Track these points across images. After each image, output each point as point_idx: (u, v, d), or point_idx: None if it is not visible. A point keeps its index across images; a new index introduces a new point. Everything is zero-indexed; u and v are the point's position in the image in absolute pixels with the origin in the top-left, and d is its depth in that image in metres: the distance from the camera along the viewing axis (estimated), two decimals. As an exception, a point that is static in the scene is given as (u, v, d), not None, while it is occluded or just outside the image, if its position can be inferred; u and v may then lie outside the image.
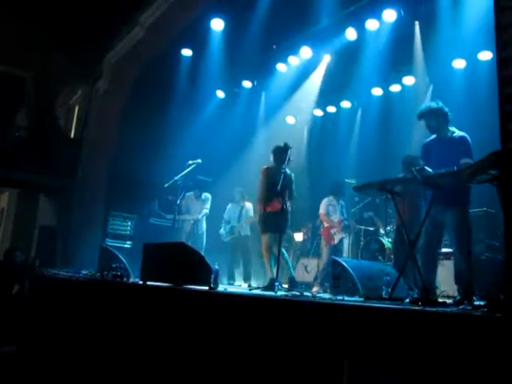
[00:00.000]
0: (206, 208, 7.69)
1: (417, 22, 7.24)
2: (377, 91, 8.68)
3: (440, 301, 3.15)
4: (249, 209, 7.80)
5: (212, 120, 9.41)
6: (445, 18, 6.57)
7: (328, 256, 7.16)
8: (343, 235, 7.30)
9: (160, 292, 3.99)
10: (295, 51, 8.40)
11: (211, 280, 3.90)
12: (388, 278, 3.88)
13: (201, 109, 9.58)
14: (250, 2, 7.50)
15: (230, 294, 3.59)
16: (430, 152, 4.27)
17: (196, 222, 7.60)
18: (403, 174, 4.89)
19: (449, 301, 3.37)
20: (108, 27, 9.11)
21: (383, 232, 7.07)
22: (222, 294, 3.58)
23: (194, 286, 3.85)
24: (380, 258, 6.77)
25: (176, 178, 6.65)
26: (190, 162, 6.73)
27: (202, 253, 5.73)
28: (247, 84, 9.57)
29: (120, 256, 5.52)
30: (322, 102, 9.47)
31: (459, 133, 4.20)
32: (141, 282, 4.54)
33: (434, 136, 4.34)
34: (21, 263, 7.94)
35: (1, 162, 9.33)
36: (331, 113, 9.72)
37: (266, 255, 5.75)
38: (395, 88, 8.39)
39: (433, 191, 3.86)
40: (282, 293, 4.26)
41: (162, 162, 8.22)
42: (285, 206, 5.22)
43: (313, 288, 6.66)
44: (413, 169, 3.83)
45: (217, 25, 8.28)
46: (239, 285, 7.02)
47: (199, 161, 6.76)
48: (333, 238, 7.19)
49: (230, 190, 8.23)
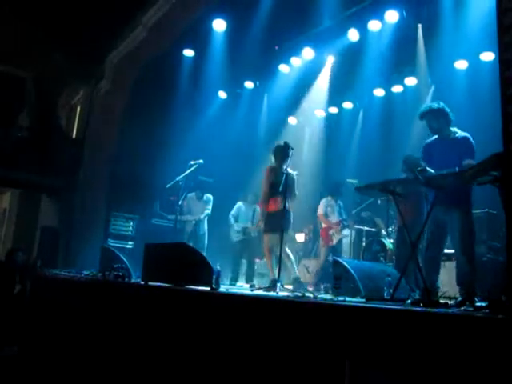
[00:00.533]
0: (208, 209, 7.68)
1: (419, 24, 7.23)
2: (379, 92, 8.67)
3: (442, 302, 3.14)
4: (258, 210, 7.81)
5: (214, 121, 9.41)
6: (447, 19, 6.56)
7: (325, 257, 7.16)
8: (342, 236, 7.29)
9: (161, 292, 3.99)
10: (297, 52, 8.39)
11: (213, 280, 3.90)
12: (389, 278, 3.88)
13: (203, 109, 9.58)
14: (251, 2, 7.49)
15: (231, 295, 3.58)
16: (432, 153, 4.25)
17: (198, 222, 7.59)
18: (405, 175, 4.88)
19: (450, 302, 3.37)
20: (110, 27, 9.12)
21: (385, 233, 7.07)
22: (223, 295, 3.58)
23: (195, 287, 3.86)
24: (382, 258, 6.76)
25: (178, 179, 6.66)
26: (192, 163, 6.74)
27: (204, 253, 5.73)
28: (249, 85, 9.57)
29: (122, 256, 5.52)
30: (324, 103, 9.46)
31: (461, 133, 4.18)
32: (142, 283, 4.55)
33: (435, 137, 4.33)
34: (22, 263, 7.93)
35: (2, 163, 9.34)
36: (333, 114, 9.72)
37: (267, 255, 5.73)
38: (397, 89, 8.39)
39: (435, 192, 3.86)
40: (283, 293, 4.26)
41: (164, 162, 8.22)
42: (286, 206, 5.22)
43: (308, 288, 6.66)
44: (414, 170, 3.83)
45: (219, 25, 8.27)
46: (241, 285, 7.01)
47: (201, 161, 6.77)
48: (331, 239, 7.18)
49: (231, 190, 8.22)
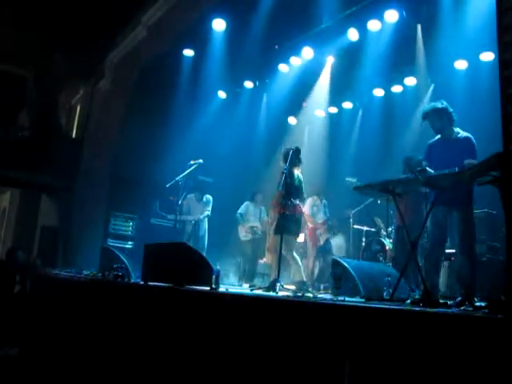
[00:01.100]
0: (208, 210, 7.67)
1: (419, 23, 7.23)
2: (378, 92, 8.67)
3: (441, 302, 3.14)
4: (264, 211, 7.87)
5: (214, 120, 9.41)
6: (447, 19, 6.55)
7: (314, 257, 7.19)
8: (328, 236, 7.33)
9: (161, 292, 3.99)
10: (297, 52, 8.39)
11: (212, 280, 3.91)
12: (389, 278, 3.89)
13: (202, 109, 9.57)
14: (251, 2, 7.49)
15: (231, 295, 3.58)
16: (434, 153, 4.26)
17: (197, 222, 7.57)
18: (405, 175, 4.88)
19: (450, 302, 3.37)
20: (110, 27, 9.13)
21: (384, 233, 7.07)
22: (223, 295, 3.58)
23: (195, 287, 3.86)
24: (381, 258, 6.76)
25: (177, 179, 6.65)
26: (192, 162, 6.73)
27: (204, 254, 5.73)
28: (249, 84, 9.56)
29: (121, 256, 5.52)
30: (323, 103, 9.45)
31: (463, 133, 4.18)
32: (142, 283, 4.55)
33: (438, 136, 4.33)
34: (23, 263, 7.93)
35: (2, 162, 9.34)
36: (333, 114, 9.71)
37: (273, 256, 5.69)
38: (397, 89, 8.38)
39: (435, 192, 3.86)
40: (283, 293, 4.26)
41: (164, 161, 8.22)
42: (288, 208, 5.23)
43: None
44: (414, 170, 3.83)
45: (218, 25, 8.27)
46: (240, 284, 7.01)
47: (201, 161, 6.77)
48: (318, 240, 7.24)
49: (231, 190, 8.22)
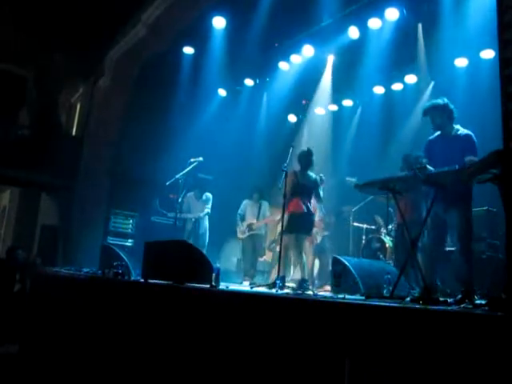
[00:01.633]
0: (208, 208, 7.67)
1: (419, 21, 7.22)
2: (379, 90, 8.65)
3: (441, 299, 3.14)
4: (266, 207, 7.77)
5: (214, 118, 9.40)
6: (447, 17, 6.54)
7: (314, 256, 7.19)
8: (325, 233, 7.33)
9: (161, 290, 3.99)
10: (298, 50, 8.36)
11: (212, 278, 3.91)
12: (389, 276, 3.89)
13: (203, 107, 9.56)
14: (251, 0, 7.48)
15: (231, 292, 3.58)
16: (434, 149, 4.26)
17: (198, 220, 7.56)
18: (405, 173, 4.88)
19: (450, 299, 3.37)
20: (110, 25, 9.11)
21: (384, 230, 7.07)
22: (223, 292, 3.58)
23: (195, 284, 3.86)
24: (381, 256, 6.77)
25: (177, 176, 6.65)
26: (192, 160, 6.74)
27: (204, 251, 5.73)
28: (249, 82, 9.53)
29: (121, 254, 5.52)
30: (324, 100, 9.44)
31: (464, 131, 4.19)
32: (142, 280, 4.55)
33: (438, 133, 4.33)
34: (22, 262, 7.94)
35: (2, 161, 9.33)
36: (333, 111, 9.70)
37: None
38: (397, 87, 8.36)
39: (434, 190, 3.86)
40: (283, 291, 4.27)
41: (164, 159, 8.22)
42: (306, 208, 5.51)
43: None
44: (414, 167, 3.83)
45: (219, 23, 8.25)
46: (240, 282, 7.01)
47: (201, 159, 6.77)
48: (315, 238, 7.23)
49: (231, 188, 8.21)
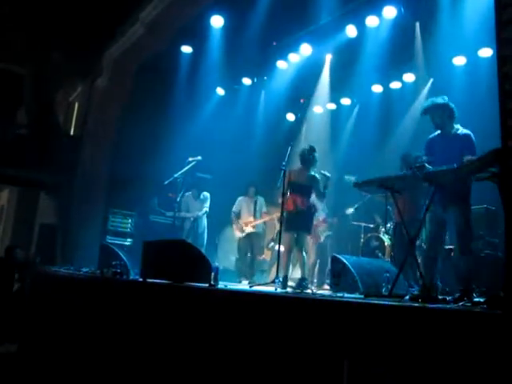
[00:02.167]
0: (206, 207, 7.67)
1: (417, 19, 7.22)
2: (377, 88, 8.65)
3: (440, 298, 3.15)
4: (262, 203, 7.73)
5: (212, 117, 9.39)
6: (445, 15, 6.53)
7: (315, 255, 7.22)
8: (328, 233, 7.35)
9: (160, 289, 3.99)
10: (295, 48, 8.36)
11: (211, 277, 3.91)
12: (388, 274, 3.90)
13: (201, 106, 9.56)
14: (249, -2, 7.47)
15: (230, 292, 3.59)
16: (434, 148, 4.26)
17: (196, 219, 7.57)
18: (403, 172, 4.89)
19: (449, 298, 3.38)
20: (108, 24, 9.08)
21: (383, 229, 7.08)
22: (221, 291, 3.59)
23: (194, 284, 3.86)
24: (380, 255, 6.79)
25: (176, 176, 6.66)
26: (190, 159, 6.74)
27: (203, 250, 5.73)
28: (247, 81, 9.52)
29: (120, 253, 5.52)
30: (322, 99, 9.44)
31: (463, 130, 4.19)
32: (141, 280, 4.55)
33: (438, 132, 4.34)
34: (21, 261, 7.94)
35: (0, 160, 9.31)
36: (331, 110, 9.70)
37: (284, 253, 5.73)
38: (395, 85, 8.37)
39: (433, 189, 3.86)
40: (281, 290, 4.27)
41: (162, 158, 8.20)
42: (304, 207, 5.51)
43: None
44: (412, 166, 3.83)
45: (217, 22, 8.23)
46: (239, 281, 7.01)
47: (199, 158, 6.77)
48: (319, 237, 7.25)
49: (230, 186, 8.21)
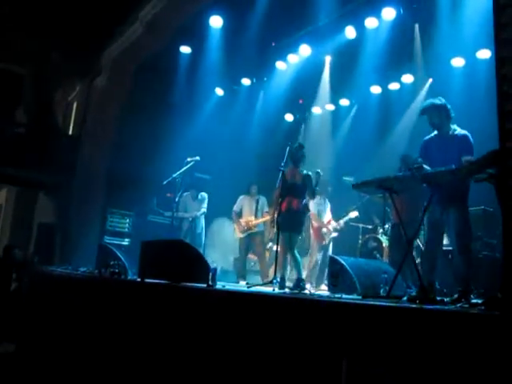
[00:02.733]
0: (204, 207, 7.67)
1: (416, 21, 7.23)
2: (375, 89, 8.65)
3: (438, 299, 3.15)
4: (264, 202, 7.67)
5: (211, 117, 9.39)
6: (444, 16, 6.55)
7: (321, 256, 7.21)
8: (334, 235, 7.35)
9: (158, 289, 3.99)
10: (295, 49, 8.36)
11: (209, 277, 3.91)
12: (386, 275, 3.90)
13: (199, 106, 9.56)
14: (248, -1, 7.47)
15: (227, 292, 3.58)
16: (430, 148, 4.26)
17: (194, 219, 7.56)
18: (402, 173, 4.89)
19: (446, 299, 3.38)
20: (107, 24, 9.08)
21: (381, 230, 7.08)
22: (219, 292, 3.58)
23: (191, 284, 3.86)
24: (378, 255, 6.78)
25: (174, 176, 6.65)
26: (189, 160, 6.73)
27: (201, 251, 5.72)
28: (246, 82, 9.53)
29: (118, 253, 5.52)
30: (321, 100, 9.45)
31: (461, 131, 4.19)
32: (139, 280, 4.55)
33: (434, 133, 4.34)
34: (19, 260, 7.93)
35: (-1, 159, 9.30)
36: (330, 111, 9.70)
37: (280, 253, 5.69)
38: (394, 86, 8.37)
39: (431, 190, 3.87)
40: (279, 291, 4.27)
41: (161, 159, 8.19)
42: (297, 206, 5.47)
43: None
44: (411, 167, 3.83)
45: (216, 22, 8.23)
46: (237, 282, 7.00)
47: (198, 158, 6.76)
48: (324, 239, 7.24)
49: (228, 187, 8.20)
